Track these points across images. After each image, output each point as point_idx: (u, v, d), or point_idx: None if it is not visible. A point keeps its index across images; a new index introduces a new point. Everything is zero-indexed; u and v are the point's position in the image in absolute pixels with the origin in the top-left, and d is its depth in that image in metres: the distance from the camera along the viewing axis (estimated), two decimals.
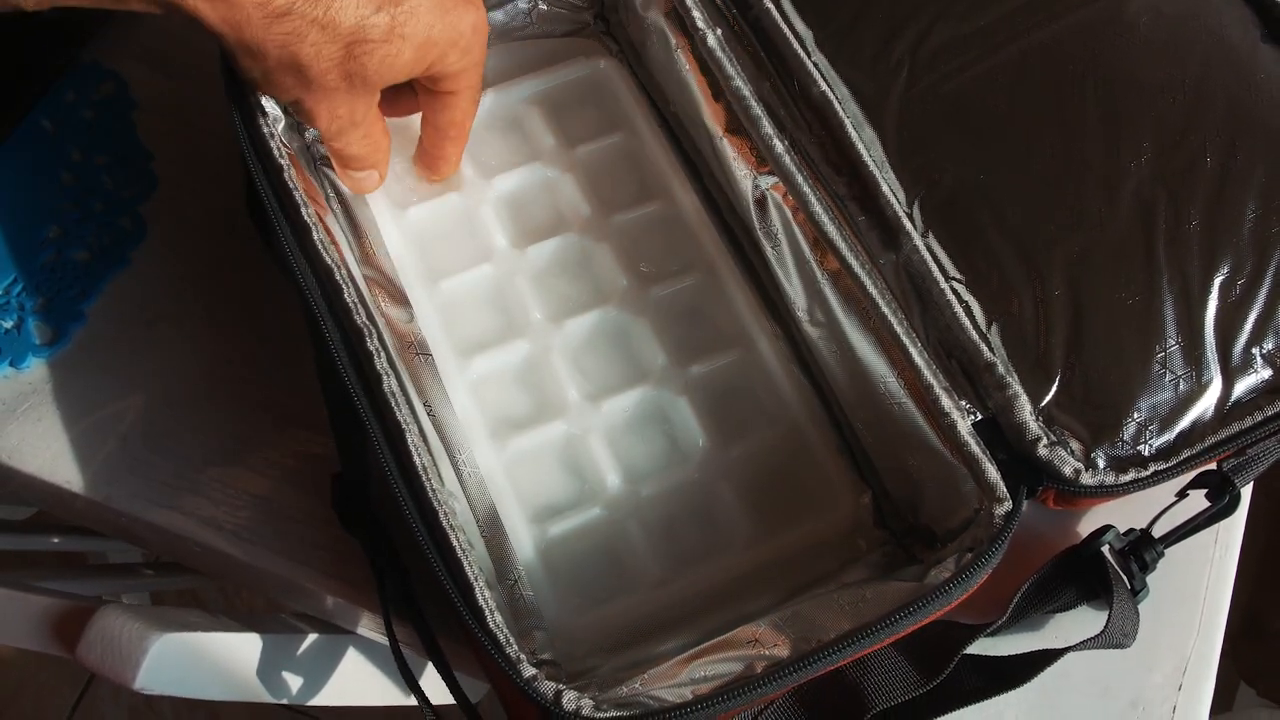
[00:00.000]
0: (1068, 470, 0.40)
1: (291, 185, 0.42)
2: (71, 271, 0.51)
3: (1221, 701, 1.10)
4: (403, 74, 0.39)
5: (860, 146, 0.45)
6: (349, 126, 0.41)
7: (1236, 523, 0.48)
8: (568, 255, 0.49)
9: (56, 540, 0.72)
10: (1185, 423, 0.41)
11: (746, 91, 0.46)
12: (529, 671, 0.35)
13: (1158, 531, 0.44)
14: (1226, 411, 0.41)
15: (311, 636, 0.52)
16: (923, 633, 0.39)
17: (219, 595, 1.18)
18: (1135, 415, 0.40)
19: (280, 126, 0.44)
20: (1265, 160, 0.43)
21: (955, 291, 0.43)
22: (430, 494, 0.37)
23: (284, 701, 0.51)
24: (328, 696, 0.55)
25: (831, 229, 0.44)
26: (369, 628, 0.49)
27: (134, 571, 0.74)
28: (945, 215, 0.44)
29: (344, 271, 0.41)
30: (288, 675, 0.51)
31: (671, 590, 0.43)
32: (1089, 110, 0.44)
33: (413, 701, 0.69)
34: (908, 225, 0.44)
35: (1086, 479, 0.40)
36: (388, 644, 0.43)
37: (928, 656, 0.41)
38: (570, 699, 0.35)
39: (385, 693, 0.63)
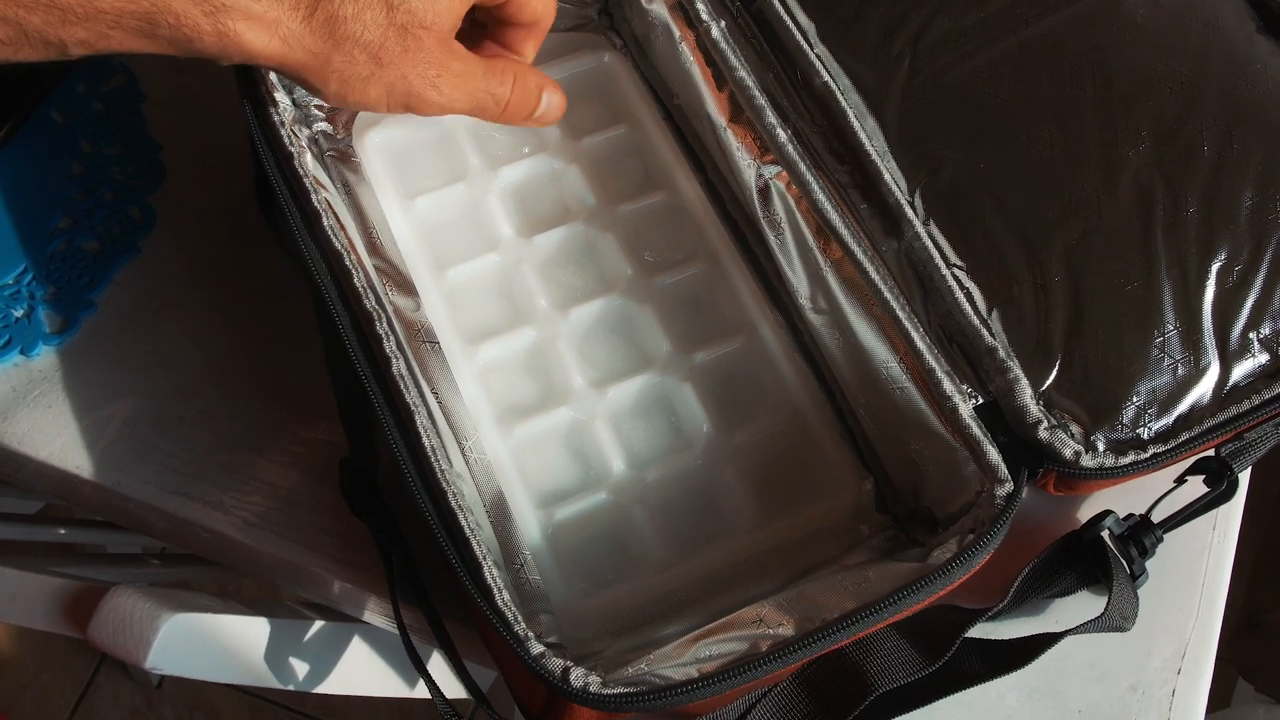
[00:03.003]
0: (1068, 453, 0.40)
1: (302, 172, 0.42)
2: (81, 261, 0.51)
3: (1220, 697, 1.10)
4: (456, 2, 0.39)
5: (862, 136, 0.45)
6: (455, 78, 0.40)
7: (1234, 509, 0.49)
8: (573, 245, 0.49)
9: (63, 532, 0.72)
10: (1184, 406, 0.41)
11: (750, 82, 0.47)
12: (537, 649, 0.36)
13: (1157, 517, 0.45)
14: (1224, 395, 0.41)
15: (318, 624, 0.53)
16: (924, 616, 0.40)
17: (217, 590, 1.18)
18: (1134, 399, 0.41)
19: (290, 115, 0.45)
20: (1262, 149, 0.43)
21: (956, 278, 0.43)
22: (439, 475, 0.38)
23: (290, 687, 0.51)
24: (333, 685, 0.56)
25: (834, 217, 0.44)
26: (376, 614, 0.49)
27: (134, 561, 0.74)
28: (946, 203, 0.44)
29: (353, 257, 0.42)
30: (295, 661, 0.52)
31: (676, 574, 0.43)
32: (1088, 100, 0.44)
33: (415, 695, 0.69)
34: (909, 213, 0.44)
35: (1086, 461, 0.40)
36: (394, 633, 0.43)
37: (929, 639, 0.41)
38: (578, 676, 0.35)
39: (389, 684, 0.64)
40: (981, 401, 0.42)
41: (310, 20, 0.36)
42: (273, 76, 0.44)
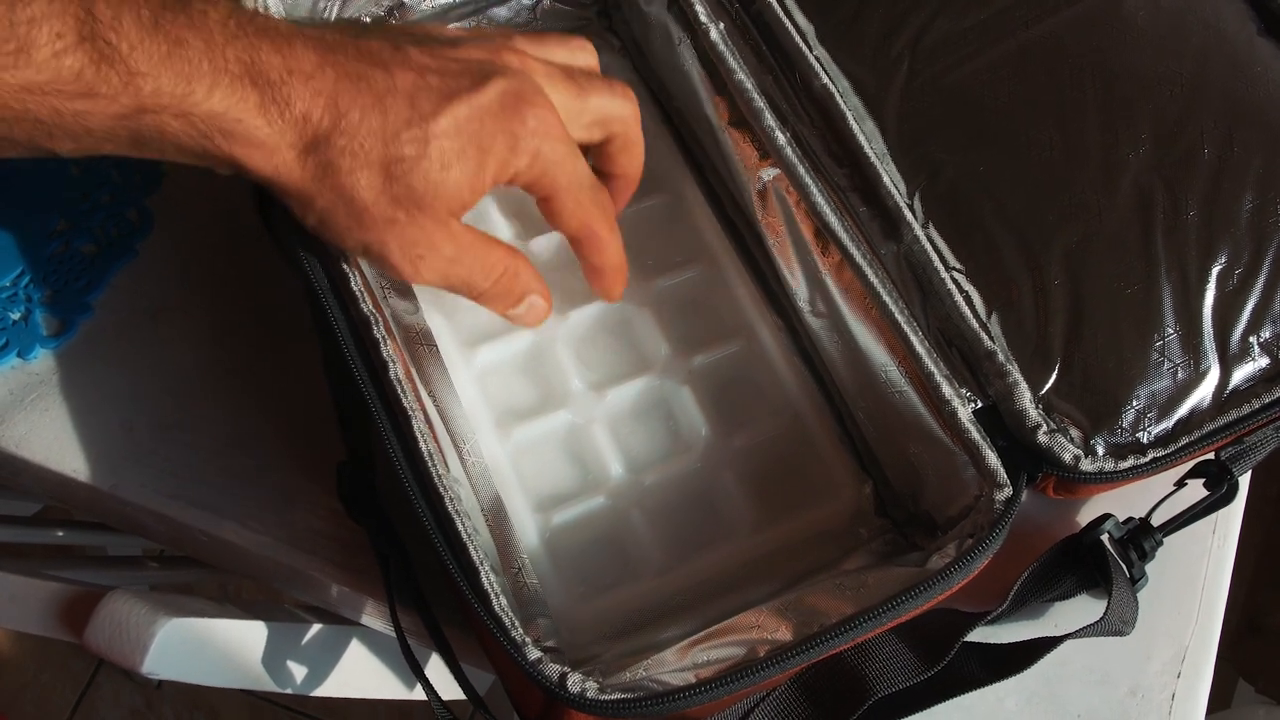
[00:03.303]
0: (1067, 457, 0.40)
1: None
2: (78, 263, 0.51)
3: (1220, 698, 1.10)
4: (464, 190, 0.37)
5: (861, 138, 0.45)
6: (440, 260, 0.38)
7: (1234, 512, 0.49)
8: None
9: (61, 534, 0.72)
10: (1183, 410, 0.41)
11: (749, 85, 0.47)
12: (534, 654, 0.36)
13: (1156, 520, 0.45)
14: (1224, 399, 0.41)
15: (316, 627, 0.53)
16: (923, 620, 0.40)
17: (218, 592, 1.19)
18: (1134, 403, 0.41)
19: None
20: (1262, 152, 0.43)
21: (956, 281, 0.43)
22: (436, 479, 0.38)
23: (288, 690, 0.51)
24: (331, 688, 0.56)
25: (833, 220, 0.44)
26: (374, 618, 0.49)
27: (133, 564, 0.74)
28: (946, 206, 0.44)
29: (350, 260, 0.41)
30: (292, 665, 0.51)
31: (674, 578, 0.43)
32: (1088, 102, 0.44)
33: (414, 697, 0.69)
34: (908, 216, 0.44)
35: (1086, 465, 0.40)
36: (392, 635, 0.43)
37: (928, 644, 0.41)
38: (575, 681, 0.35)
39: (387, 686, 0.64)
40: (980, 405, 0.42)
41: (304, 159, 0.35)
42: None
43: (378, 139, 0.35)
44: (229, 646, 0.46)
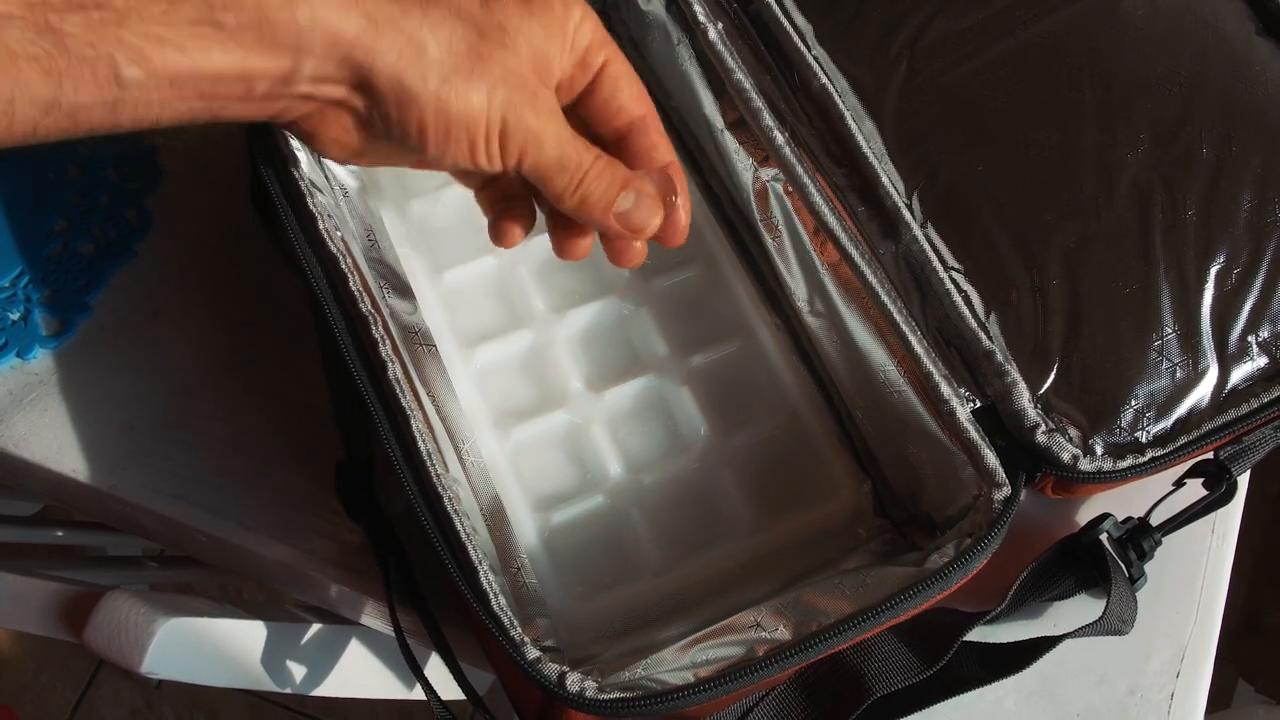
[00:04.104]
0: (1066, 456, 0.40)
1: (298, 175, 0.42)
2: (77, 264, 0.51)
3: (1220, 698, 1.10)
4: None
5: (860, 138, 0.45)
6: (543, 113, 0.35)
7: (1233, 512, 0.49)
8: None
9: (61, 534, 0.72)
10: (1182, 410, 0.41)
11: (747, 85, 0.47)
12: (533, 654, 0.36)
13: (1155, 520, 0.45)
14: (1223, 399, 0.41)
15: (316, 627, 0.53)
16: (922, 620, 0.40)
17: (217, 592, 1.19)
18: (1132, 402, 0.41)
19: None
20: (1260, 151, 0.43)
21: (954, 281, 0.43)
22: (435, 479, 0.38)
23: (287, 690, 0.51)
24: (331, 687, 0.56)
25: (831, 219, 0.44)
26: (373, 618, 0.49)
27: (133, 564, 0.74)
28: (944, 206, 0.44)
29: (349, 260, 0.41)
30: (292, 664, 0.51)
31: (673, 577, 0.43)
32: (1086, 102, 0.44)
33: (413, 696, 0.69)
34: (907, 216, 0.44)
35: (1084, 465, 0.40)
36: (391, 635, 0.43)
37: (927, 643, 0.41)
38: (574, 680, 0.35)
39: (387, 686, 0.64)
40: (979, 405, 0.42)
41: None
42: None
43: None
44: (228, 646, 0.46)
